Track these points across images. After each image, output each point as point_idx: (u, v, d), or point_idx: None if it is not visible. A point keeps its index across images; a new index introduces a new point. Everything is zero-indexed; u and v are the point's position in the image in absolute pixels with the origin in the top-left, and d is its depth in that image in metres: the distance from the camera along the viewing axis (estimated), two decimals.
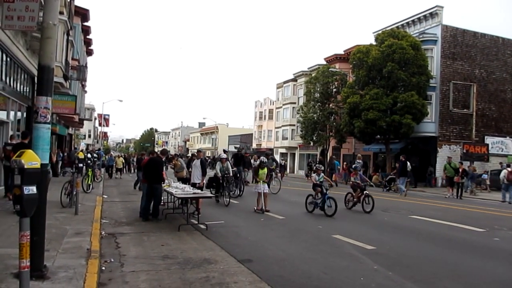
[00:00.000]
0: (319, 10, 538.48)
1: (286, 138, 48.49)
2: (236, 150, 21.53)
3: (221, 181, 13.43)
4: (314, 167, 13.16)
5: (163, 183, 10.52)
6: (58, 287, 4.51)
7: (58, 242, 6.58)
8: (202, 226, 9.05)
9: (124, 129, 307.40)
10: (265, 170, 12.36)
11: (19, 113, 14.59)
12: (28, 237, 3.88)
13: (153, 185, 10.18)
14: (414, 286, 5.39)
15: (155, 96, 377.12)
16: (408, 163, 20.30)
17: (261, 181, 11.98)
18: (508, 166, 19.24)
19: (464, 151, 25.34)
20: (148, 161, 10.91)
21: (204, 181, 12.06)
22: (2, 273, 4.78)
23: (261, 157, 13.28)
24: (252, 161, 21.59)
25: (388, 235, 9.03)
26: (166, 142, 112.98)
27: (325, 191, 11.46)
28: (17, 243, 3.93)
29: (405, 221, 11.02)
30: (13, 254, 5.09)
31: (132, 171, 34.52)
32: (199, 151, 12.99)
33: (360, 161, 25.47)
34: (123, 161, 28.57)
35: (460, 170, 19.59)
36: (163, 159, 11.38)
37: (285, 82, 49.68)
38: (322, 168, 12.76)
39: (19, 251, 3.85)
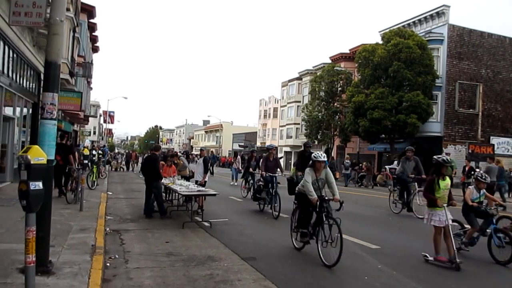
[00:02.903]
0: (325, 9, 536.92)
1: (291, 137, 48.44)
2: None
3: (316, 210, 6.40)
4: (475, 177, 7.24)
5: (161, 180, 10.42)
6: (63, 282, 4.53)
7: (63, 238, 6.61)
8: (206, 224, 9.08)
9: (129, 126, 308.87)
10: (448, 181, 6.60)
11: (25, 109, 14.68)
12: (34, 232, 3.88)
13: (151, 183, 10.13)
14: (418, 285, 5.37)
15: (160, 94, 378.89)
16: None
17: (444, 206, 6.42)
18: (477, 168, 20.28)
19: (470, 151, 25.16)
20: (144, 159, 10.86)
21: (206, 179, 11.65)
22: (8, 268, 4.81)
23: (440, 156, 6.76)
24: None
25: (392, 234, 9.01)
26: (171, 140, 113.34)
27: (490, 217, 6.78)
28: (22, 239, 3.94)
29: (409, 220, 10.96)
30: (18, 250, 5.12)
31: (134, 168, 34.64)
32: (201, 149, 12.97)
33: (348, 161, 26.20)
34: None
35: (467, 168, 19.18)
36: (157, 155, 10.94)
37: (290, 81, 49.61)
38: (488, 179, 7.12)
39: (25, 247, 3.85)
